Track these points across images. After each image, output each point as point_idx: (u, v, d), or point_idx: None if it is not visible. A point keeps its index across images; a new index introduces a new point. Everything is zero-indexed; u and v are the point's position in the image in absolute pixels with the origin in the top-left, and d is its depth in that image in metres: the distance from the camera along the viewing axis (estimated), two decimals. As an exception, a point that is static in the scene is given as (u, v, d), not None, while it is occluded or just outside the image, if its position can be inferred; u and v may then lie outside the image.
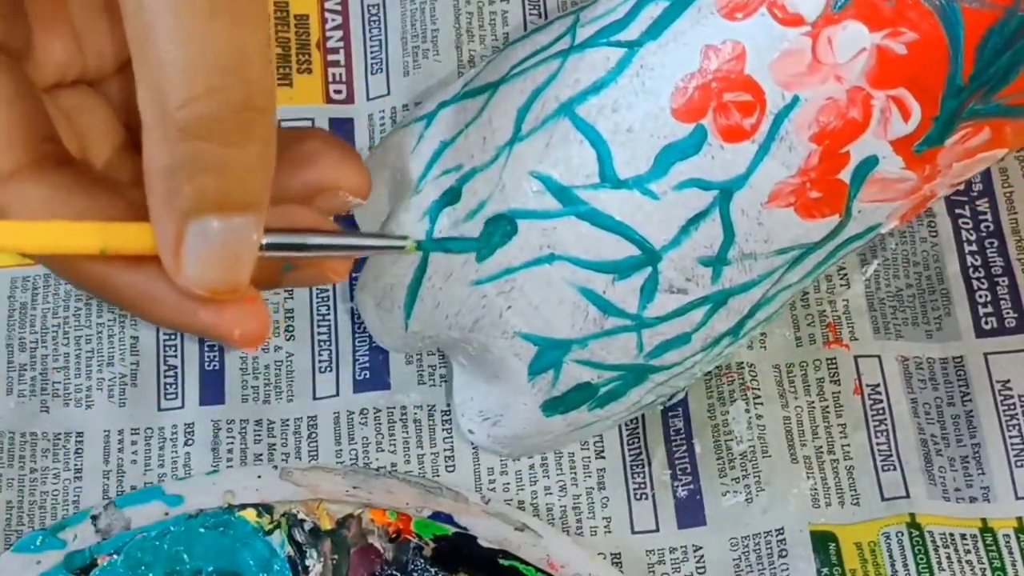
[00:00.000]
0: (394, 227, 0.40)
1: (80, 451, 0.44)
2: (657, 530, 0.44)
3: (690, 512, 0.44)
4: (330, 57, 0.50)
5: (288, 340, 0.46)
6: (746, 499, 0.44)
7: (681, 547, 0.43)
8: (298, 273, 0.32)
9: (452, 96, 0.41)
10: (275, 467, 0.43)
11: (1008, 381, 0.45)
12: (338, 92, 0.49)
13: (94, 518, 0.42)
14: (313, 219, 0.32)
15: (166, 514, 0.42)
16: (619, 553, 0.43)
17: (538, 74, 0.38)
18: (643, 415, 0.45)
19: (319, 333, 0.46)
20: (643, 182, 0.36)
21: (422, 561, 0.41)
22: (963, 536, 0.43)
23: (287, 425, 0.45)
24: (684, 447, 0.45)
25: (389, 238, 0.34)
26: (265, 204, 0.29)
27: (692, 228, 0.37)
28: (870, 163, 0.36)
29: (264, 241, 0.29)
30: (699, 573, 0.43)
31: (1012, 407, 0.45)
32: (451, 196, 0.39)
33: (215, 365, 0.45)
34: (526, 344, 0.39)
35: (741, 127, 0.35)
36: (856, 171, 0.36)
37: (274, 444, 0.44)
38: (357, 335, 0.46)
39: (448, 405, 0.45)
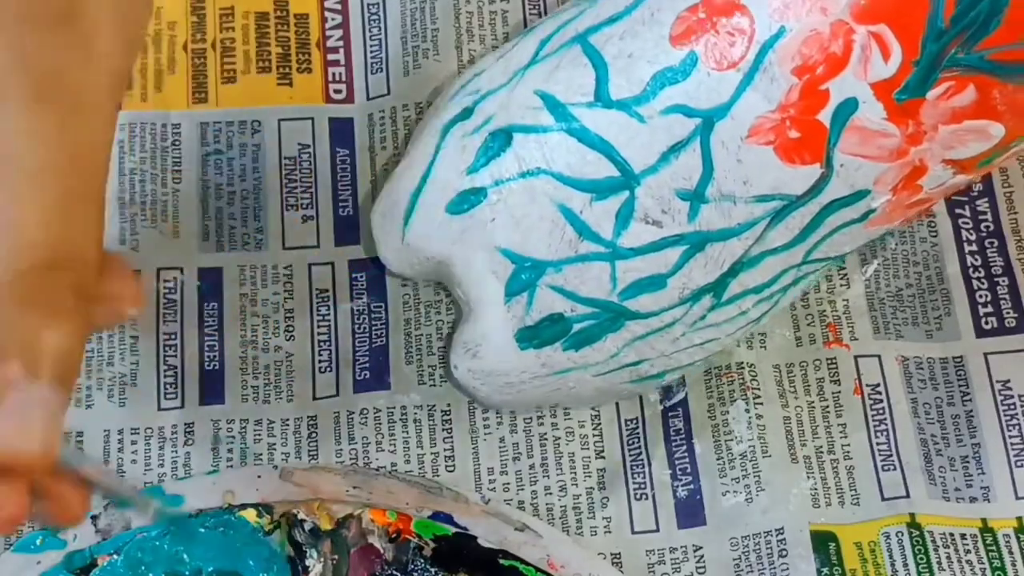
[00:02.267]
0: (414, 145, 0.42)
1: (80, 451, 0.44)
2: (657, 530, 0.44)
3: (690, 512, 0.44)
4: (330, 56, 0.50)
5: (288, 340, 0.46)
6: (746, 499, 0.44)
7: (681, 547, 0.43)
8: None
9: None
10: (275, 467, 0.43)
11: (1008, 381, 0.45)
12: (338, 92, 0.49)
13: (94, 518, 0.42)
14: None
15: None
16: (619, 553, 0.43)
17: (568, 13, 0.41)
18: (643, 415, 0.45)
19: (319, 333, 0.46)
20: (632, 104, 0.38)
21: (422, 561, 0.41)
22: (963, 536, 0.43)
23: (287, 425, 0.45)
24: (684, 447, 0.45)
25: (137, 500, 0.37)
26: (75, 379, 0.29)
27: (672, 156, 0.38)
28: (850, 105, 0.36)
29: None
30: (699, 573, 0.43)
31: (1012, 407, 0.45)
32: (465, 113, 0.41)
33: (215, 365, 0.45)
34: (505, 261, 0.40)
35: (730, 55, 0.36)
36: (836, 113, 0.36)
37: (274, 444, 0.44)
38: (357, 335, 0.46)
39: (448, 405, 0.45)
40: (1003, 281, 0.47)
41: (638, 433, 0.45)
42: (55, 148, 0.28)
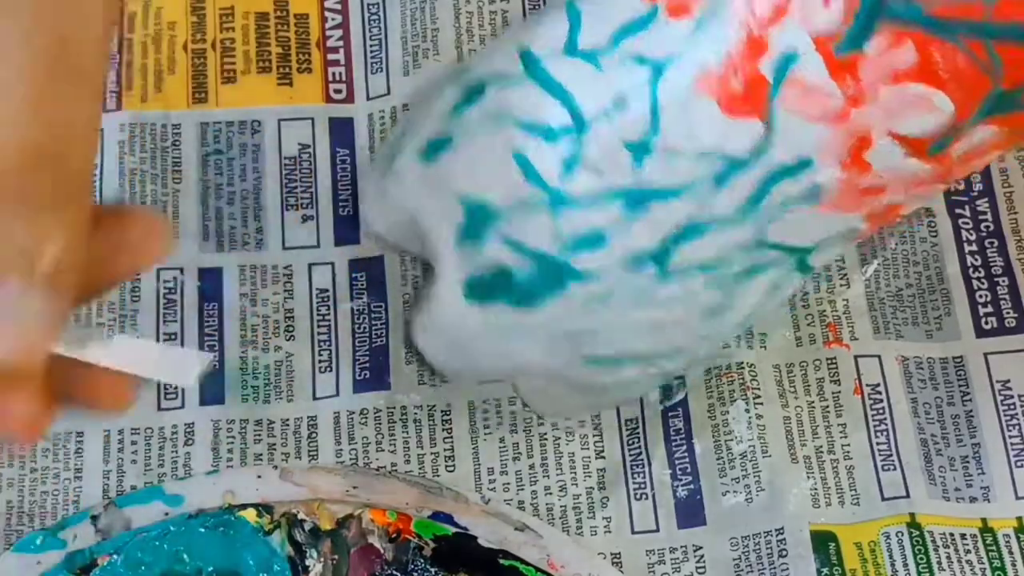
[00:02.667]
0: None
1: (80, 451, 0.44)
2: (657, 530, 0.44)
3: (690, 512, 0.44)
4: (330, 56, 0.50)
5: (288, 340, 0.46)
6: (746, 499, 0.44)
7: (681, 547, 0.43)
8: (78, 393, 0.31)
9: None
10: (275, 467, 0.43)
11: (1008, 381, 0.45)
12: (338, 91, 0.49)
13: (94, 518, 0.42)
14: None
15: (166, 514, 0.42)
16: (619, 553, 0.43)
17: None
18: (643, 415, 0.45)
19: (319, 333, 0.46)
20: (595, 55, 0.38)
21: (422, 561, 0.41)
22: (963, 536, 0.43)
23: (287, 425, 0.45)
24: (684, 447, 0.45)
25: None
26: (69, 282, 0.28)
27: (622, 104, 0.38)
28: (790, 58, 0.36)
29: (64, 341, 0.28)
30: (699, 573, 0.43)
31: (1012, 407, 0.45)
32: (458, 72, 0.42)
33: (215, 365, 0.45)
34: (459, 208, 0.40)
35: (686, 4, 0.37)
36: (777, 65, 0.36)
37: (274, 444, 0.44)
38: (357, 335, 0.46)
39: (448, 405, 0.45)
40: (1003, 281, 0.47)
41: (638, 433, 0.45)
42: (40, 23, 0.26)
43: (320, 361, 0.46)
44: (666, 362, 0.42)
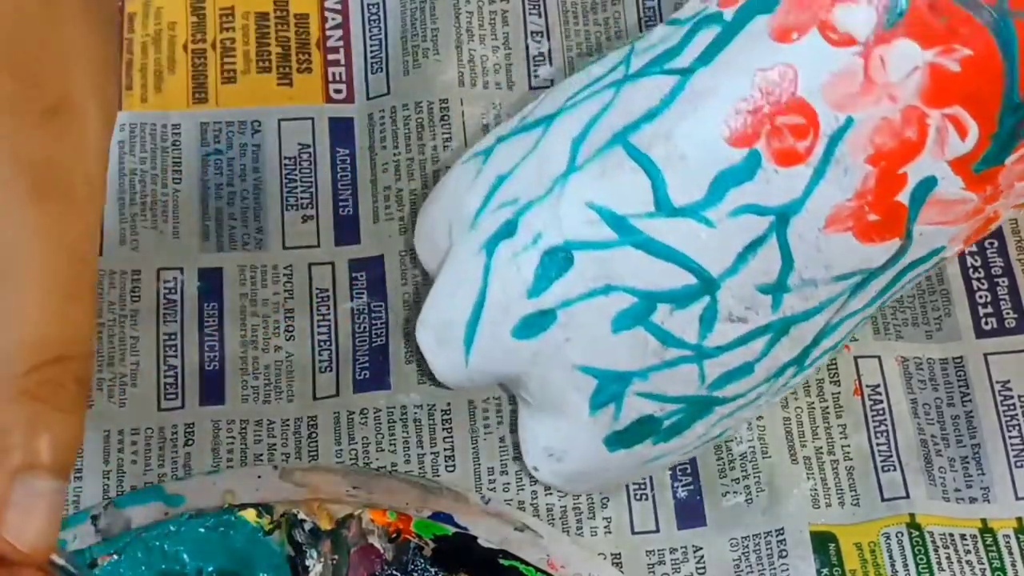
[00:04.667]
0: (454, 262, 0.40)
1: (80, 451, 0.44)
2: (657, 530, 0.44)
3: (690, 512, 0.44)
4: (330, 56, 0.50)
5: (288, 340, 0.46)
6: (746, 499, 0.44)
7: (681, 547, 0.43)
8: None
9: (509, 131, 0.41)
10: (275, 467, 0.43)
11: (1008, 381, 0.45)
12: (338, 91, 0.49)
13: (94, 518, 0.42)
14: None
15: (166, 514, 0.42)
16: (619, 553, 0.43)
17: (592, 104, 0.38)
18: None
19: (319, 333, 0.46)
20: (698, 209, 0.36)
21: (422, 561, 0.41)
22: (963, 536, 0.43)
23: (287, 425, 0.45)
24: (684, 447, 0.45)
25: None
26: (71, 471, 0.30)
27: (749, 255, 0.36)
28: (928, 184, 0.35)
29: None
30: (699, 573, 0.43)
31: (1012, 407, 0.45)
32: (508, 229, 0.38)
33: (215, 365, 0.45)
34: (586, 377, 0.39)
35: (795, 150, 0.35)
36: (914, 193, 0.35)
37: (274, 444, 0.44)
38: (357, 335, 0.46)
39: (448, 405, 0.45)
40: (1003, 281, 0.47)
41: (638, 433, 0.45)
42: (56, 243, 0.29)
43: (320, 361, 0.46)
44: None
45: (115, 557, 0.41)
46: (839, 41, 0.34)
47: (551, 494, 0.44)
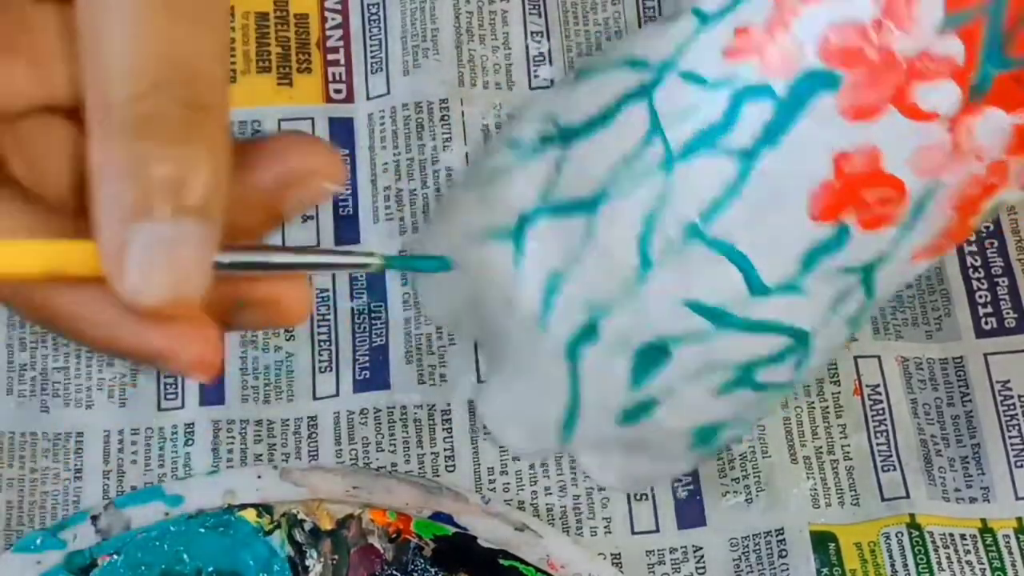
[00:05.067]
0: (529, 368, 0.39)
1: (80, 451, 0.44)
2: (657, 530, 0.44)
3: (690, 512, 0.44)
4: (330, 56, 0.50)
5: (288, 340, 0.46)
6: (746, 499, 0.44)
7: (681, 547, 0.43)
8: (251, 313, 0.30)
9: (533, 208, 0.38)
10: (275, 467, 0.43)
11: (1008, 381, 0.45)
12: (338, 91, 0.49)
13: (94, 518, 0.42)
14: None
15: (166, 514, 0.42)
16: (619, 553, 0.43)
17: (643, 194, 0.36)
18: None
19: (319, 333, 0.46)
20: (792, 284, 0.36)
21: (422, 561, 0.41)
22: (963, 536, 0.43)
23: (287, 425, 0.45)
24: (684, 447, 0.45)
25: (355, 255, 0.31)
26: (218, 211, 0.27)
27: (840, 306, 0.37)
28: (998, 205, 0.36)
29: (220, 259, 0.27)
30: (699, 573, 0.43)
31: (1012, 407, 0.45)
32: (588, 333, 0.37)
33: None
34: (687, 434, 0.39)
35: (884, 216, 0.35)
36: (985, 214, 0.36)
37: (274, 444, 0.44)
38: (357, 335, 0.46)
39: (448, 405, 0.45)
40: (1003, 281, 0.47)
41: (638, 433, 0.45)
42: None
43: (320, 361, 0.46)
44: None
45: (115, 557, 0.41)
46: (922, 117, 0.34)
47: (551, 494, 0.44)
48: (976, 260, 0.47)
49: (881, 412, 0.45)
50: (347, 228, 0.47)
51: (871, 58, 0.34)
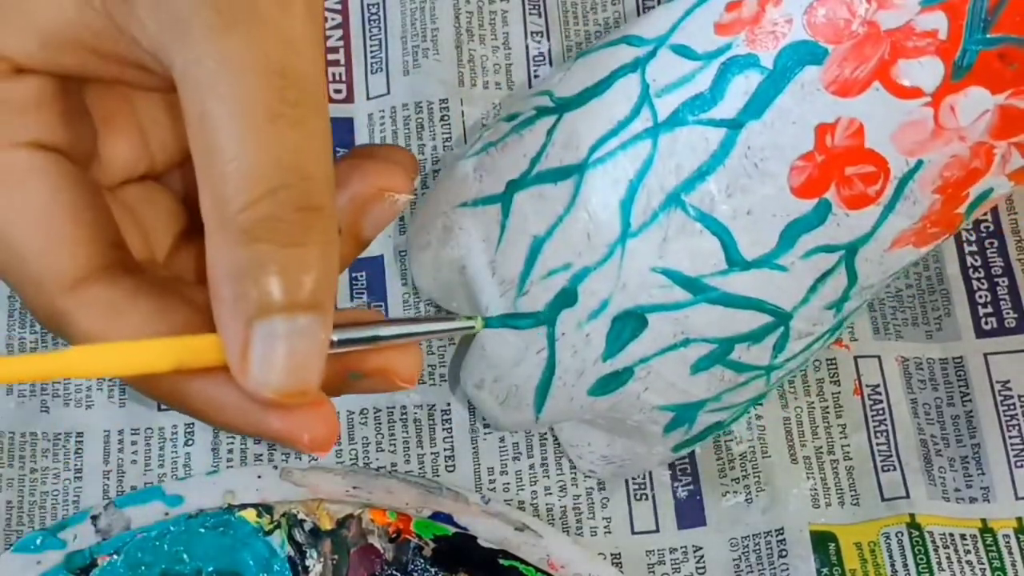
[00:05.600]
0: (508, 329, 0.39)
1: (80, 451, 0.44)
2: (657, 530, 0.44)
3: (690, 512, 0.44)
4: (330, 56, 0.50)
5: (288, 340, 0.46)
6: (746, 499, 0.44)
7: (681, 547, 0.43)
8: (365, 381, 0.32)
9: (521, 175, 0.39)
10: (275, 467, 0.43)
11: (1008, 381, 0.45)
12: (338, 91, 0.49)
13: (94, 518, 0.42)
14: (379, 317, 0.32)
15: (166, 514, 0.42)
16: (619, 553, 0.43)
17: (627, 159, 0.37)
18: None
19: (319, 333, 0.46)
20: (771, 259, 0.36)
21: (422, 561, 0.41)
22: (963, 536, 0.43)
23: (287, 425, 0.45)
24: (684, 447, 0.45)
25: (458, 320, 0.34)
26: (331, 303, 0.28)
27: (819, 285, 0.37)
28: (985, 194, 0.36)
29: (334, 338, 0.29)
30: (699, 573, 0.43)
31: (1012, 407, 0.45)
32: (567, 297, 0.38)
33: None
34: (664, 413, 0.39)
35: (866, 195, 0.35)
36: (972, 204, 0.36)
37: (274, 444, 0.44)
38: (357, 335, 0.46)
39: (448, 405, 0.45)
40: (1003, 281, 0.47)
41: (638, 433, 0.45)
42: (240, 64, 0.27)
43: (320, 361, 0.45)
44: None
45: (115, 557, 0.41)
46: (905, 93, 0.34)
47: (551, 494, 0.44)
48: (976, 260, 0.47)
49: (881, 412, 0.45)
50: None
51: (856, 32, 0.34)
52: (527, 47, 0.50)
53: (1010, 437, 0.45)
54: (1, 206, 0.29)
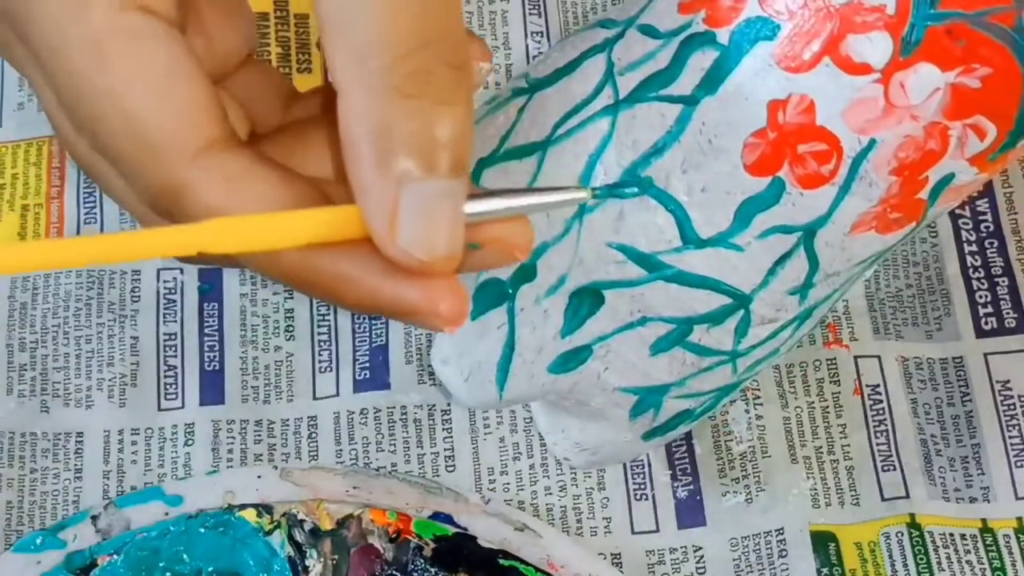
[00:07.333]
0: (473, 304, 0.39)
1: (80, 451, 0.44)
2: (657, 530, 0.44)
3: (690, 512, 0.44)
4: (330, 57, 0.50)
5: (288, 340, 0.46)
6: (746, 499, 0.44)
7: (681, 547, 0.43)
8: (483, 252, 0.30)
9: (490, 153, 0.40)
10: (275, 467, 0.43)
11: (1008, 381, 0.45)
12: (338, 92, 0.49)
13: (94, 518, 0.42)
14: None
15: (166, 514, 0.42)
16: (619, 553, 0.43)
17: (588, 135, 0.37)
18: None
19: (319, 333, 0.46)
20: (726, 237, 0.36)
21: (422, 561, 0.41)
22: (963, 536, 0.43)
23: (287, 425, 0.45)
24: (684, 447, 0.45)
25: (571, 190, 0.31)
26: (470, 167, 0.27)
27: (779, 268, 0.37)
28: (947, 179, 0.36)
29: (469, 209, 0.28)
30: (699, 573, 0.43)
31: (1012, 407, 0.45)
32: (525, 272, 0.38)
33: (215, 365, 0.45)
34: (627, 396, 0.39)
35: (819, 174, 0.35)
36: (934, 189, 0.36)
37: (274, 444, 0.44)
38: (357, 335, 0.46)
39: (448, 405, 0.45)
40: (1003, 281, 0.47)
41: (638, 433, 0.45)
42: None
43: (320, 361, 0.46)
44: None
45: (115, 557, 0.41)
46: (855, 69, 0.34)
47: (551, 494, 0.44)
48: (976, 260, 0.47)
49: (881, 412, 0.45)
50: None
51: (808, 7, 0.34)
52: (527, 47, 0.50)
53: (1010, 437, 0.45)
54: (119, 68, 0.27)
